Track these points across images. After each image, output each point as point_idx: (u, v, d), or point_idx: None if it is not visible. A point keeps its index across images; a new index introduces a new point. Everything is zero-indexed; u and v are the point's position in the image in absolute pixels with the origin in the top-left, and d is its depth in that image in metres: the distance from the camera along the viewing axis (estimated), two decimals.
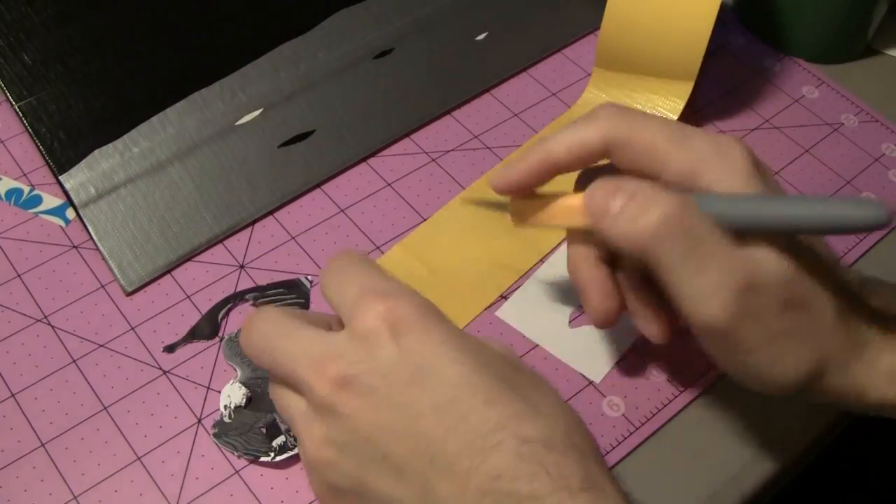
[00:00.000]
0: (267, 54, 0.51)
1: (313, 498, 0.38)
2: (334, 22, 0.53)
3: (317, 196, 0.49)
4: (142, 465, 0.39)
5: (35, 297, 0.44)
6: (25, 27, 0.49)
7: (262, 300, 0.44)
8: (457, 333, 0.32)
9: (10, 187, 0.48)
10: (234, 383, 0.41)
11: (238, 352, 0.42)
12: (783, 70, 0.57)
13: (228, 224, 0.47)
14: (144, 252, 0.45)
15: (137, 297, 0.45)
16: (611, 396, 0.42)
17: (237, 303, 0.44)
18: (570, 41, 0.57)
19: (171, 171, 0.48)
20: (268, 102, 0.50)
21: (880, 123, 0.54)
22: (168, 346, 0.43)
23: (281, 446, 0.39)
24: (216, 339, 0.43)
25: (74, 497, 0.38)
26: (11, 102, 0.47)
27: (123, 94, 0.49)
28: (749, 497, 0.40)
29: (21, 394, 0.41)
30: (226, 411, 0.40)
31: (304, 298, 0.44)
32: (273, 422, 0.40)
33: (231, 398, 0.41)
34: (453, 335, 0.32)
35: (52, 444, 0.40)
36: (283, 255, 0.46)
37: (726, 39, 0.58)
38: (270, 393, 0.35)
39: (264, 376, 0.41)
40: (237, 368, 0.42)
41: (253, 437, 0.39)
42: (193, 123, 0.49)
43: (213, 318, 0.44)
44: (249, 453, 0.39)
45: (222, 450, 0.40)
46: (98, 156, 0.47)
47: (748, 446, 0.41)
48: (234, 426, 0.40)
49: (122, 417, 0.40)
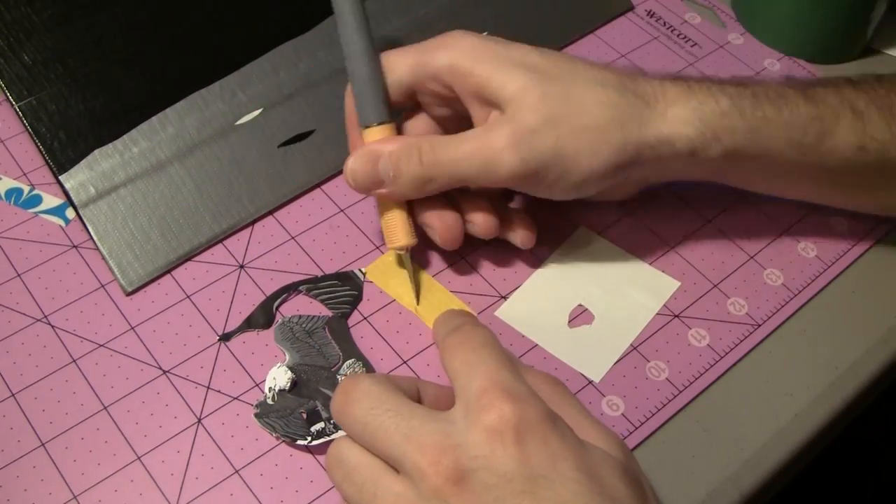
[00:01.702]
0: (267, 54, 0.51)
1: (313, 498, 0.38)
2: (334, 22, 0.53)
3: (317, 196, 0.49)
4: (142, 464, 0.39)
5: (35, 296, 0.44)
6: (25, 27, 0.49)
7: (314, 292, 0.45)
8: (577, 446, 0.32)
9: (10, 187, 0.48)
10: (281, 367, 0.41)
11: (288, 336, 0.43)
12: (783, 70, 0.57)
13: (228, 224, 0.47)
14: (144, 252, 0.45)
15: (137, 297, 0.45)
16: (610, 396, 0.42)
17: (291, 293, 0.45)
18: (570, 41, 0.57)
19: (171, 171, 0.48)
20: (268, 102, 0.50)
21: None
22: (224, 334, 0.43)
23: (319, 431, 0.39)
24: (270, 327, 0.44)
25: (74, 497, 0.38)
26: (11, 102, 0.47)
27: (123, 94, 0.49)
28: (749, 497, 0.40)
29: (21, 394, 0.41)
30: (269, 393, 0.41)
31: (356, 291, 0.45)
32: (314, 409, 0.40)
33: (276, 381, 0.41)
34: (574, 448, 0.32)
35: (52, 443, 0.40)
36: (283, 255, 0.46)
37: (726, 39, 0.58)
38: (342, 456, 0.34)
39: (311, 363, 0.42)
40: (286, 353, 0.42)
41: (293, 421, 0.40)
42: (193, 123, 0.49)
43: (268, 309, 0.44)
44: (287, 435, 0.39)
45: (222, 450, 0.40)
46: (98, 156, 0.47)
47: (748, 446, 0.41)
48: (275, 408, 0.40)
49: (122, 417, 0.40)
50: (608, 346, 0.44)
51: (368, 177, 0.42)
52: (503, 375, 0.33)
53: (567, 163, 0.40)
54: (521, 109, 0.40)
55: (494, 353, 0.35)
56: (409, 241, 0.43)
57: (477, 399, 0.32)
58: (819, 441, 0.42)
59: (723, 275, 0.47)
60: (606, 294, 0.46)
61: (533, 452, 0.31)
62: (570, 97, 0.40)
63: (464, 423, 0.32)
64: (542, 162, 0.40)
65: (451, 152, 0.41)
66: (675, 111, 0.41)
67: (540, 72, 0.41)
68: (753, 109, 0.41)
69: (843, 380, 0.43)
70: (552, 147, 0.40)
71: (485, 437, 0.31)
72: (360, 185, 0.42)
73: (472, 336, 0.36)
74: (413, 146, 0.41)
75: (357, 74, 0.43)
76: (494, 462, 0.31)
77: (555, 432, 0.32)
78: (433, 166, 0.41)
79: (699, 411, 0.42)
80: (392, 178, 0.41)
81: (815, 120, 0.42)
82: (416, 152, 0.41)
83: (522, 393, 0.33)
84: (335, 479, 0.34)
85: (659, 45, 0.57)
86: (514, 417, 0.31)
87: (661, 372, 0.43)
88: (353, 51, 0.43)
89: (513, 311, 0.45)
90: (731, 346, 0.44)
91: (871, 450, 0.78)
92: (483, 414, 0.32)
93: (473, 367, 0.34)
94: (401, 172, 0.41)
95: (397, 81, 0.43)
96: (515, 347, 0.43)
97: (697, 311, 0.45)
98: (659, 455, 0.40)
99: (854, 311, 0.46)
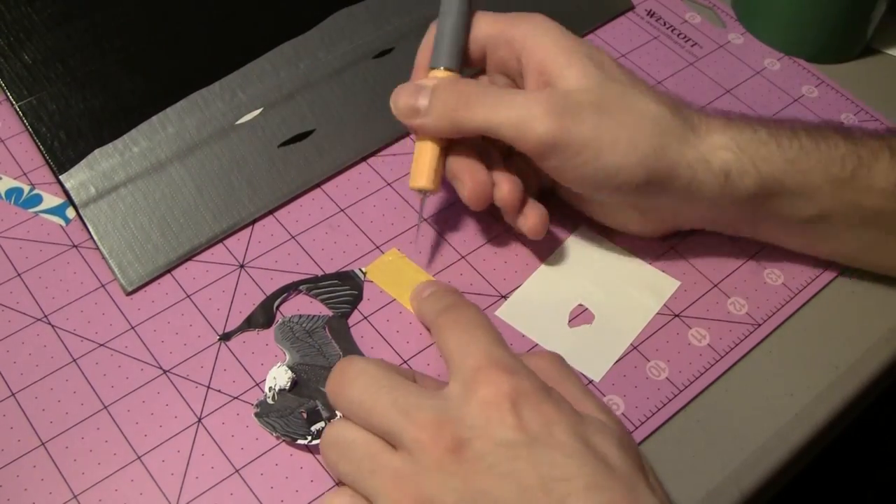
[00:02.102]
0: (267, 54, 0.51)
1: (313, 498, 0.38)
2: (334, 22, 0.53)
3: (317, 196, 0.49)
4: (142, 464, 0.39)
5: (35, 296, 0.44)
6: (26, 27, 0.49)
7: (315, 291, 0.45)
8: (572, 413, 0.33)
9: (10, 187, 0.48)
10: (281, 366, 0.42)
11: (289, 335, 0.43)
12: (783, 70, 0.57)
13: (228, 224, 0.47)
14: (145, 251, 0.45)
15: (137, 297, 0.45)
16: (610, 395, 0.42)
17: (291, 293, 0.45)
18: None
19: (171, 170, 0.48)
20: (268, 102, 0.50)
21: (880, 123, 0.54)
22: (224, 333, 0.43)
23: (319, 431, 0.40)
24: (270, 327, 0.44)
25: (74, 496, 0.38)
26: (12, 102, 0.47)
27: (123, 94, 0.49)
28: (749, 497, 0.40)
29: (21, 393, 0.41)
30: (270, 393, 0.41)
31: (357, 290, 0.45)
32: (314, 408, 0.40)
33: (277, 380, 0.41)
34: (569, 414, 0.33)
35: (52, 443, 0.40)
36: (283, 255, 0.46)
37: (726, 39, 0.58)
38: (338, 435, 0.35)
39: (311, 363, 0.42)
40: (286, 352, 0.42)
41: (293, 420, 0.40)
42: (193, 123, 0.49)
43: (268, 308, 0.44)
44: (287, 435, 0.40)
45: (222, 449, 0.40)
46: (98, 155, 0.47)
47: (748, 446, 0.41)
48: (276, 408, 0.40)
49: (122, 417, 0.40)
50: (608, 346, 0.44)
51: (407, 105, 0.42)
52: (496, 352, 0.34)
53: (602, 146, 0.40)
54: (573, 89, 0.41)
55: (487, 331, 0.36)
56: (430, 185, 0.43)
57: (472, 376, 0.33)
58: (819, 441, 0.42)
59: (723, 274, 0.47)
60: (606, 294, 0.46)
61: (528, 420, 0.32)
62: (624, 97, 0.41)
63: (460, 399, 0.33)
64: (578, 137, 0.40)
65: (490, 97, 0.41)
66: (716, 137, 0.41)
67: (604, 69, 0.41)
68: (791, 141, 0.42)
69: (843, 380, 0.43)
70: (592, 127, 0.40)
71: (481, 409, 0.32)
72: (399, 110, 0.43)
73: (464, 316, 0.37)
74: (459, 83, 0.42)
75: (447, 16, 0.44)
76: (491, 431, 0.32)
77: (549, 400, 0.33)
78: (468, 106, 0.41)
79: (699, 411, 0.42)
80: (427, 108, 0.42)
81: (852, 155, 0.42)
82: (454, 88, 0.42)
83: (516, 366, 0.34)
84: (330, 460, 0.35)
85: (659, 44, 0.57)
86: (509, 388, 0.32)
87: (661, 371, 0.43)
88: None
89: (513, 311, 0.45)
90: (731, 345, 0.44)
91: (872, 450, 0.78)
92: (479, 388, 0.33)
93: (467, 346, 0.35)
94: (436, 104, 0.42)
95: (476, 38, 0.44)
96: (516, 347, 0.43)
97: (697, 311, 0.45)
98: (659, 455, 0.40)
99: (854, 311, 0.46)
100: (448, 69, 0.44)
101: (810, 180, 0.41)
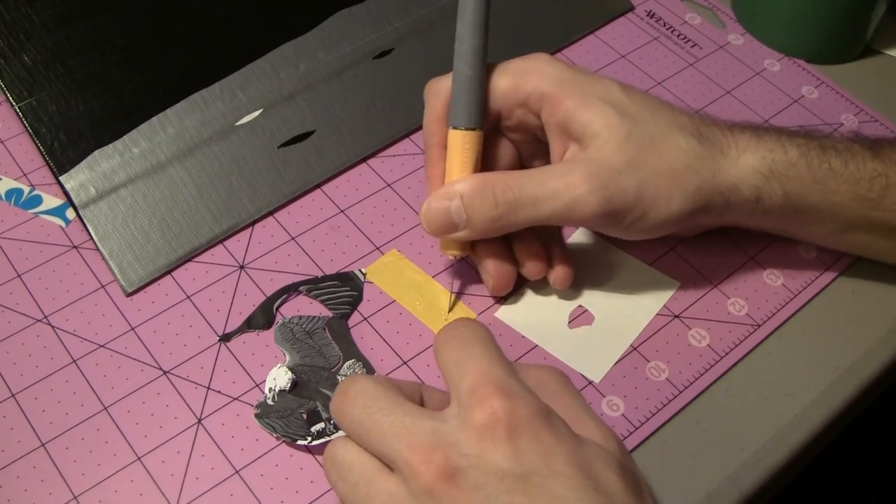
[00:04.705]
0: (267, 55, 0.51)
1: (313, 498, 0.38)
2: (334, 22, 0.53)
3: (317, 196, 0.49)
4: (142, 465, 0.39)
5: (35, 297, 0.44)
6: (26, 28, 0.49)
7: (315, 292, 0.45)
8: (571, 440, 0.32)
9: (10, 187, 0.48)
10: (281, 367, 0.42)
11: (289, 336, 0.43)
12: (783, 70, 0.57)
13: (228, 224, 0.47)
14: (145, 252, 0.45)
15: (137, 298, 0.45)
16: (610, 396, 0.42)
17: (291, 294, 0.45)
18: (570, 41, 0.57)
19: (171, 171, 0.48)
20: (268, 103, 0.50)
21: (879, 123, 0.54)
22: (224, 334, 0.43)
23: (319, 432, 0.40)
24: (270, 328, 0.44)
25: (74, 497, 0.38)
26: (12, 103, 0.48)
27: (123, 95, 0.49)
28: (749, 497, 0.40)
29: (21, 394, 0.41)
30: (270, 394, 0.41)
31: (357, 291, 0.45)
32: (314, 409, 0.40)
33: (277, 381, 0.41)
34: (567, 443, 0.32)
35: (52, 444, 0.40)
36: (283, 256, 0.46)
37: (726, 40, 0.58)
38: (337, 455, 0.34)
39: (311, 364, 0.42)
40: (286, 353, 0.42)
41: (293, 421, 0.40)
42: (193, 124, 0.49)
43: (268, 309, 0.44)
44: (287, 436, 0.40)
45: (222, 450, 0.40)
46: (98, 156, 0.47)
47: (747, 446, 0.41)
48: (276, 409, 0.40)
49: (123, 417, 0.41)
50: (608, 347, 0.44)
51: (441, 223, 0.42)
52: (494, 371, 0.33)
53: (647, 205, 0.41)
54: (604, 149, 0.40)
55: (485, 348, 0.34)
56: (465, 251, 0.44)
57: (468, 396, 0.32)
58: (819, 441, 0.42)
59: (723, 275, 0.47)
60: (606, 294, 0.46)
61: (524, 449, 0.31)
62: (653, 140, 0.41)
63: (456, 422, 0.32)
64: (625, 204, 0.40)
65: (530, 191, 0.40)
66: (746, 159, 0.42)
67: (623, 110, 0.41)
68: (820, 161, 0.42)
69: (843, 380, 0.43)
70: (635, 190, 0.40)
71: (476, 436, 0.31)
72: (434, 229, 0.42)
73: (463, 332, 0.35)
74: (487, 186, 0.41)
75: (462, 73, 0.42)
76: (486, 460, 0.31)
77: (547, 428, 0.32)
78: (511, 207, 0.41)
79: (699, 411, 0.42)
80: (466, 220, 0.41)
81: (880, 176, 0.42)
82: (490, 193, 0.41)
83: (514, 388, 0.32)
84: (330, 479, 0.34)
85: (659, 45, 0.57)
86: (504, 414, 0.31)
87: (661, 372, 0.43)
88: (465, 49, 0.42)
89: (513, 313, 0.45)
90: (731, 346, 0.44)
91: (872, 450, 0.78)
92: (474, 411, 0.31)
93: (464, 363, 0.33)
94: (473, 217, 0.41)
95: (492, 97, 0.43)
96: (516, 348, 0.43)
97: (697, 312, 0.45)
98: (659, 455, 0.40)
99: (854, 312, 0.46)
100: (470, 129, 0.42)
101: (838, 200, 0.42)
